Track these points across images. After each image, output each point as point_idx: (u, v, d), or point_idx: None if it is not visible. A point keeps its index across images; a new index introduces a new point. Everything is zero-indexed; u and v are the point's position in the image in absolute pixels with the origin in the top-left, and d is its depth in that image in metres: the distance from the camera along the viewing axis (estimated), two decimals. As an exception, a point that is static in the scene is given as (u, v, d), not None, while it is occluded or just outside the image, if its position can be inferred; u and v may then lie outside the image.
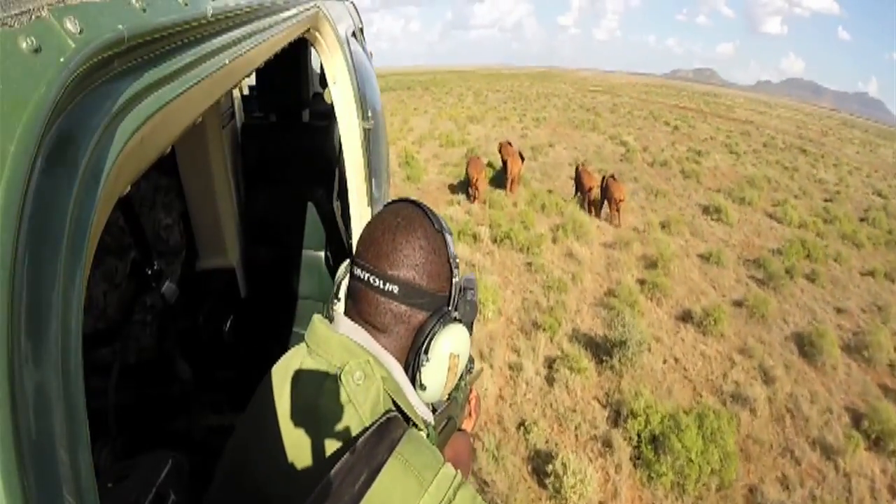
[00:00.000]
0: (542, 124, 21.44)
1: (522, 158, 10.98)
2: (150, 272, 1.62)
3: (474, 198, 9.81)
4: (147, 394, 1.68)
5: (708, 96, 59.04)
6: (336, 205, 2.20)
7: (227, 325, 2.04)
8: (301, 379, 0.67)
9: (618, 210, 9.09)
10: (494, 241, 7.59)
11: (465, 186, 10.02)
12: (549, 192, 10.38)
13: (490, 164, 12.54)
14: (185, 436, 1.63)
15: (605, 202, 9.51)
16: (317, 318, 0.70)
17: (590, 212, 9.62)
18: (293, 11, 1.05)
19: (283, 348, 0.78)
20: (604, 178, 9.71)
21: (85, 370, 0.34)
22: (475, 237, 7.72)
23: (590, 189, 9.79)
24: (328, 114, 2.17)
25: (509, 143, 12.23)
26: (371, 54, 2.44)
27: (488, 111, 25.82)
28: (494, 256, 7.18)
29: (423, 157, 13.73)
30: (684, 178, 12.61)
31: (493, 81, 58.82)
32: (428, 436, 0.73)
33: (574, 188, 10.55)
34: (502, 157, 12.17)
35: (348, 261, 0.73)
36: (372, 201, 1.57)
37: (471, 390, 1.05)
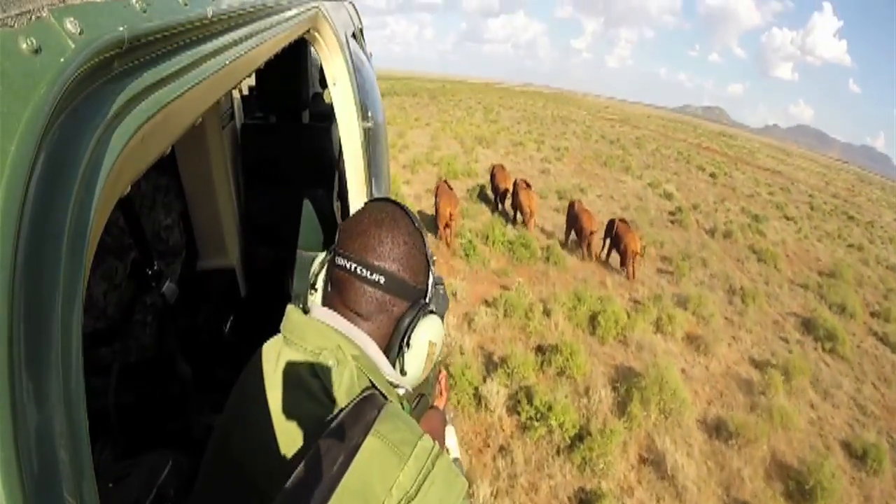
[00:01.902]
0: (565, 156, 18.09)
1: (528, 184, 9.02)
2: (150, 272, 1.62)
3: (447, 242, 7.58)
4: (147, 394, 1.68)
5: (724, 136, 55.96)
6: (336, 205, 2.21)
7: (227, 325, 2.04)
8: (277, 367, 0.69)
9: (633, 264, 7.38)
10: (514, 411, 4.07)
11: (470, 249, 7.22)
12: (600, 280, 7.20)
13: (475, 189, 10.35)
14: (185, 436, 1.63)
15: (615, 251, 7.71)
16: (290, 307, 0.73)
17: (586, 255, 7.86)
18: (293, 12, 1.05)
19: None
20: (612, 221, 7.91)
21: (85, 370, 0.34)
22: (480, 402, 4.13)
23: (591, 234, 7.78)
24: (328, 114, 2.17)
25: (503, 167, 10.38)
26: (371, 55, 2.44)
27: (500, 132, 22.26)
28: (514, 462, 3.66)
29: (414, 190, 10.15)
30: (758, 260, 9.77)
31: (505, 97, 54.31)
32: (403, 408, 0.75)
33: (567, 230, 8.54)
34: (496, 184, 9.84)
35: (324, 254, 0.77)
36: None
37: (440, 370, 1.12)
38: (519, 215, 9.13)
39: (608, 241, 7.95)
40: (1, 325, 0.27)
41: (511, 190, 9.47)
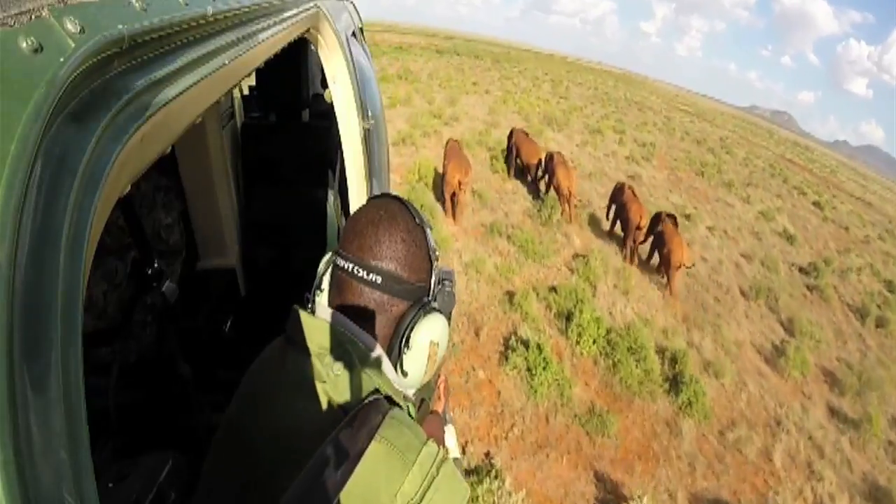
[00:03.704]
0: (653, 157, 14.41)
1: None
2: (150, 272, 1.62)
3: (452, 216, 6.30)
4: (147, 394, 1.69)
5: (799, 147, 49.90)
6: (336, 204, 2.21)
7: (227, 325, 2.05)
8: (282, 368, 0.69)
9: (675, 278, 6.00)
10: None
11: (537, 361, 4.02)
12: (761, 447, 4.31)
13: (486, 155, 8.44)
14: (185, 435, 1.63)
15: (656, 254, 6.39)
16: (296, 307, 0.72)
17: (630, 259, 6.55)
18: (293, 11, 1.05)
19: None
20: (658, 216, 6.61)
21: (85, 370, 0.34)
22: None
23: (638, 229, 6.43)
24: (328, 114, 2.17)
25: (525, 134, 8.55)
26: (370, 54, 2.44)
27: (572, 112, 18.18)
28: None
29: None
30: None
31: (573, 71, 48.03)
32: (409, 414, 0.74)
33: (608, 214, 7.23)
34: (523, 159, 7.97)
35: (329, 254, 0.76)
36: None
37: (439, 374, 1.09)
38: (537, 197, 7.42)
39: (650, 238, 6.62)
40: (1, 325, 0.27)
41: (543, 165, 7.68)
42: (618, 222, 7.16)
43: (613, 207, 7.23)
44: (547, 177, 7.52)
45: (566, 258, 6.29)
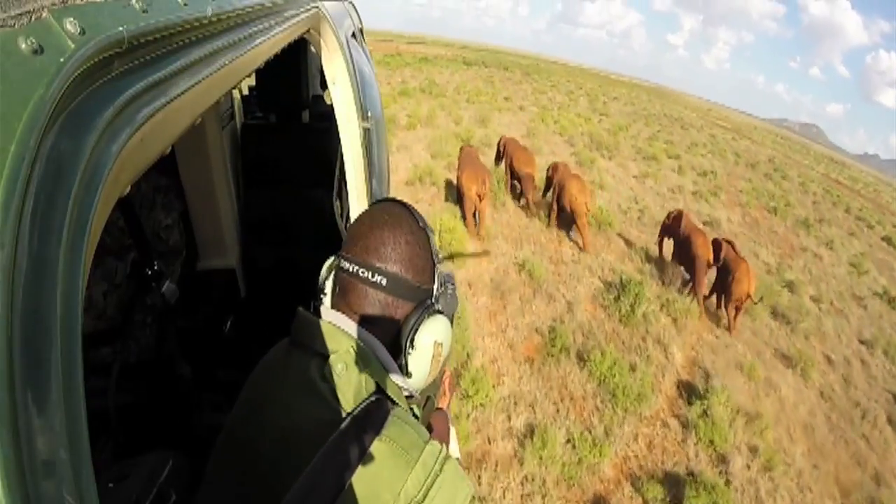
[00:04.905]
0: (719, 189, 12.38)
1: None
2: (150, 272, 1.62)
3: (477, 232, 5.70)
4: (147, 394, 1.69)
5: (835, 164, 47.39)
6: (336, 205, 2.21)
7: (227, 325, 2.05)
8: (287, 369, 0.69)
9: (736, 310, 5.31)
10: None
11: None
12: None
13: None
14: (185, 436, 1.64)
15: (718, 290, 5.56)
16: (301, 310, 0.73)
17: (701, 304, 5.60)
18: (293, 12, 1.05)
19: None
20: (718, 242, 5.74)
21: (85, 370, 0.34)
22: None
23: (709, 265, 5.59)
24: (328, 115, 2.18)
25: (516, 141, 7.48)
26: (370, 55, 2.45)
27: (618, 132, 16.14)
28: None
29: (489, 272, 5.12)
30: None
31: (605, 85, 45.75)
32: (413, 414, 0.75)
33: (661, 247, 6.28)
34: (515, 167, 6.87)
35: (332, 258, 0.77)
36: (372, 201, 1.57)
37: (444, 370, 1.10)
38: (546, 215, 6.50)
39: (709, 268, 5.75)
40: (1, 326, 0.27)
41: (546, 180, 6.70)
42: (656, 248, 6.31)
43: (669, 240, 6.19)
44: (555, 194, 6.40)
45: (670, 394, 4.13)
